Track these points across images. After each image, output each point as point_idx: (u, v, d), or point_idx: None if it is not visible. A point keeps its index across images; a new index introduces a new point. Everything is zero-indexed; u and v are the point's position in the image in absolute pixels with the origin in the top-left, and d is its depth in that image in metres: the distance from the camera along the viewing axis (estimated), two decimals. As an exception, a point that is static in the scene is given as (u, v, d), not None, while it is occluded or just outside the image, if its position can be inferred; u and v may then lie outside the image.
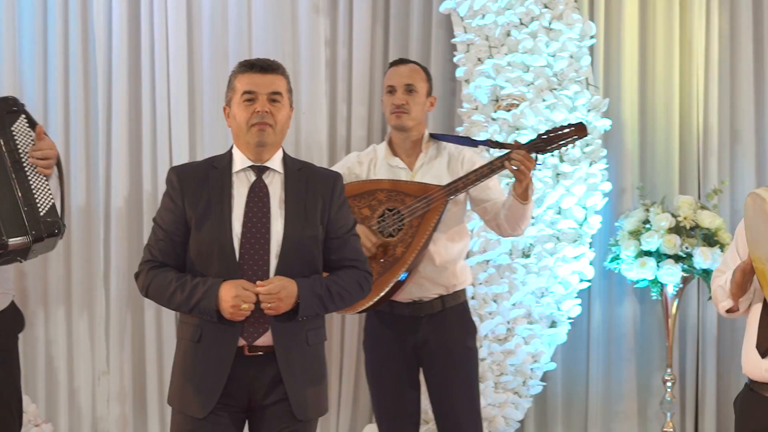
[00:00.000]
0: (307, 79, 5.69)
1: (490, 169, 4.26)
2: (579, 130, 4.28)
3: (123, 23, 5.62)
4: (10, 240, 3.77)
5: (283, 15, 5.68)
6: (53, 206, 3.87)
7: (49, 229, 3.82)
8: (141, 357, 5.72)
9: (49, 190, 3.89)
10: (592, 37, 5.48)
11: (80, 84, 5.66)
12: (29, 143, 3.89)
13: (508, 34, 5.44)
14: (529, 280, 5.33)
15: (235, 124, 3.58)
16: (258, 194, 3.54)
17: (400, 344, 4.45)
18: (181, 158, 5.55)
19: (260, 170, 3.58)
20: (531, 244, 5.36)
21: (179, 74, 5.60)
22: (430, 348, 4.42)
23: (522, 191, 4.22)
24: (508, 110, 5.37)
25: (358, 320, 5.57)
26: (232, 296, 3.40)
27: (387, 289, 4.28)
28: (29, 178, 3.85)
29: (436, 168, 4.44)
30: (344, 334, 5.70)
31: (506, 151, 4.26)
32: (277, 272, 3.48)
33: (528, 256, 5.36)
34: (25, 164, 3.87)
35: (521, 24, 5.42)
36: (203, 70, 5.65)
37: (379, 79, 5.66)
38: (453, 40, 5.55)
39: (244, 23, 5.66)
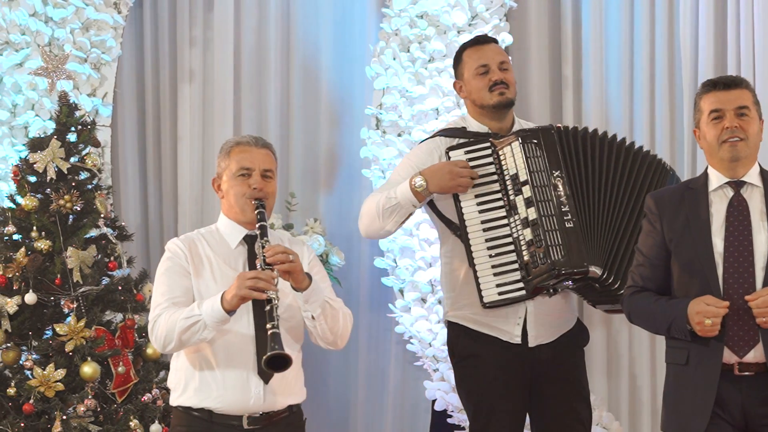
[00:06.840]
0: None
1: None
2: None
3: (709, 37, 5.50)
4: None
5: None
6: None
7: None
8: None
9: None
10: None
11: (665, 100, 5.65)
12: None
13: None
14: None
15: (706, 143, 3.60)
16: (737, 208, 3.55)
17: None
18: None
19: (738, 185, 3.56)
20: None
21: (765, 85, 5.38)
22: None
23: None
24: None
25: None
26: (695, 312, 3.40)
27: None
28: None
29: None
30: None
31: None
32: (765, 285, 3.43)
33: None
34: None
35: None
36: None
37: None
38: None
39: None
